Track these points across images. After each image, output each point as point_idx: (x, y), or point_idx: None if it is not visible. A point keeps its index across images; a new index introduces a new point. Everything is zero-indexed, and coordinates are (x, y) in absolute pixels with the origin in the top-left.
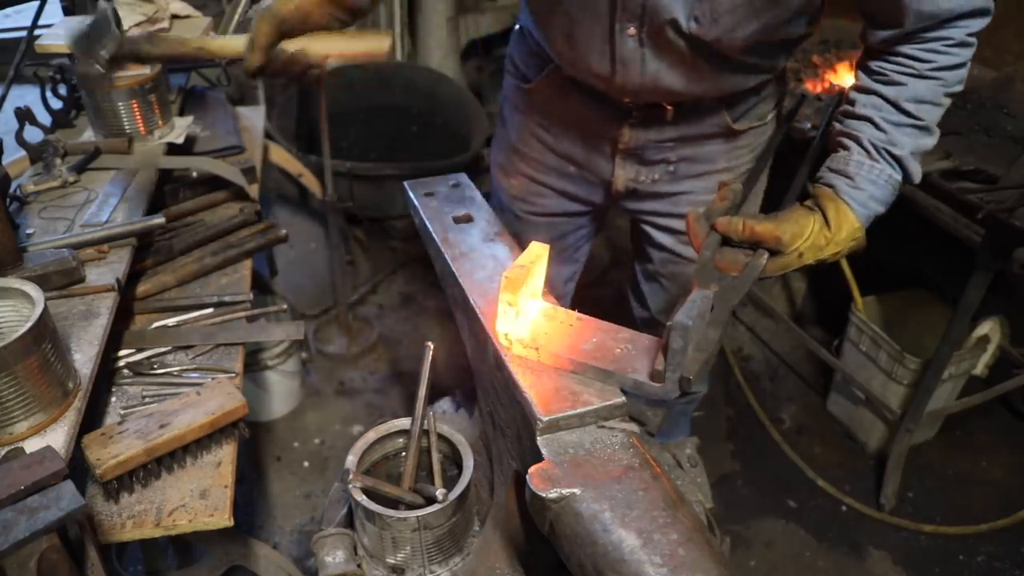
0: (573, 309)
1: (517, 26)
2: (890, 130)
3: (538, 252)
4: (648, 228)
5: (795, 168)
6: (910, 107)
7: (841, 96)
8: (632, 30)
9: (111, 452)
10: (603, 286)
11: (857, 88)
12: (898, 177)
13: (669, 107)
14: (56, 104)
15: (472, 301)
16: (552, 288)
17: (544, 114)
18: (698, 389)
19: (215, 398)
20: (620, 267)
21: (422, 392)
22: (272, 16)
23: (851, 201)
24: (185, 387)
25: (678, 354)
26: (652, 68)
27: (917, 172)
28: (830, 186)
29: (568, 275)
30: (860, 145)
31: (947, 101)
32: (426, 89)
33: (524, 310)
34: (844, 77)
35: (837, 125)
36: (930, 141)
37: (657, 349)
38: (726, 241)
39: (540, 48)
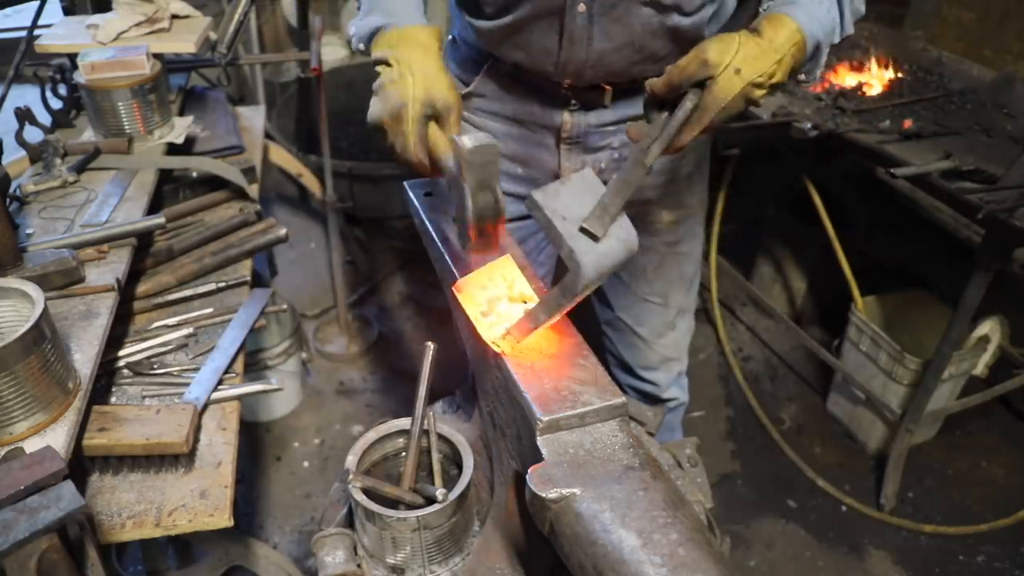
0: None
1: (450, 37)
2: None
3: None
4: None
5: (794, 164)
6: None
7: None
8: (582, 6)
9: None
10: None
11: None
12: (837, 19)
13: (608, 88)
14: (56, 104)
15: None
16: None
17: (484, 115)
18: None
19: (164, 423)
20: None
21: (422, 392)
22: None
23: (791, 11)
24: (185, 387)
25: (560, 237)
26: (598, 46)
27: (850, 27)
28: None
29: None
30: None
31: None
32: None
33: (501, 316)
34: (844, 77)
35: None
36: (861, 6)
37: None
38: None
39: (475, 53)
